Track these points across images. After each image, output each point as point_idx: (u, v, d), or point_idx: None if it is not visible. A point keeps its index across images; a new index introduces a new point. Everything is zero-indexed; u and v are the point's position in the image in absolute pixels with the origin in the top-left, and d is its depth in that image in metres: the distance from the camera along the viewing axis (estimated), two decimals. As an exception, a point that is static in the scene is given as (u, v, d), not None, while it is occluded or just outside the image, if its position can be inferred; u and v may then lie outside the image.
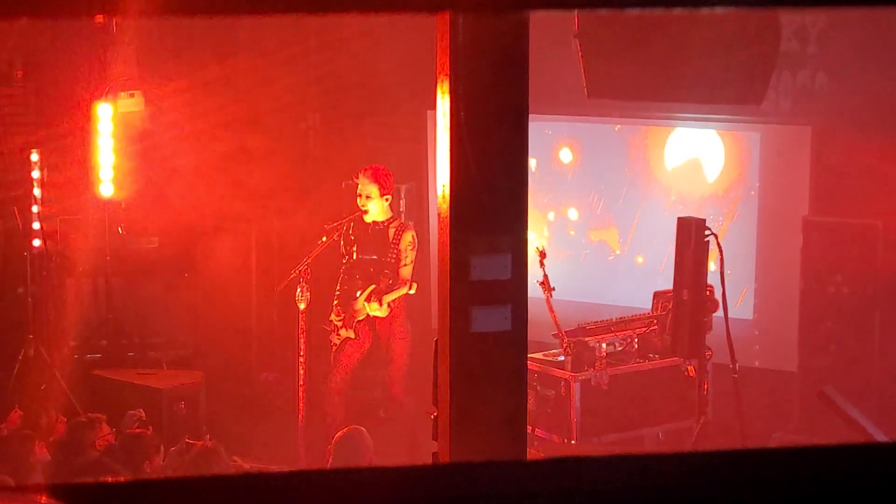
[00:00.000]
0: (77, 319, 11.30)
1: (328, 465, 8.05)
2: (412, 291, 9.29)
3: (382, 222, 9.35)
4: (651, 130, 10.70)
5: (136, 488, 2.23)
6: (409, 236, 9.31)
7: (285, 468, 9.18)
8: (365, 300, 9.28)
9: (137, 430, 8.02)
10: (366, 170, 9.33)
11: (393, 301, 9.25)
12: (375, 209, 9.30)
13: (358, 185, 9.33)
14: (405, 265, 9.30)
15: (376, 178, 9.26)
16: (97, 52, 11.43)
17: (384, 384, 9.68)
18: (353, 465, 7.75)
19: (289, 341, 9.59)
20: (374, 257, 9.34)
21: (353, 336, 9.36)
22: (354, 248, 9.40)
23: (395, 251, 9.29)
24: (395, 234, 9.32)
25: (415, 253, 9.34)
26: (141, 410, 8.71)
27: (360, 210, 9.30)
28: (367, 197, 9.26)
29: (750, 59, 6.37)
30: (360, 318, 9.36)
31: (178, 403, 9.83)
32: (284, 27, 11.66)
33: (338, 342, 9.43)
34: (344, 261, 9.47)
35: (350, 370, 9.55)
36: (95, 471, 7.20)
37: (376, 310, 9.25)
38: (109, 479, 6.46)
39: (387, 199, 9.32)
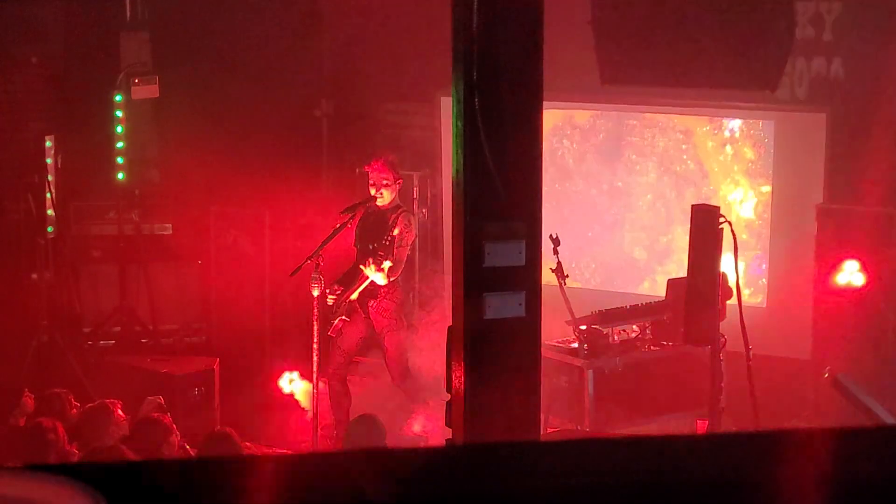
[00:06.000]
0: (91, 306, 11.34)
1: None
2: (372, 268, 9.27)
3: (386, 206, 9.38)
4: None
5: (152, 468, 2.24)
6: (403, 221, 9.34)
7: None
8: (363, 266, 9.28)
9: (154, 416, 8.03)
10: (376, 161, 9.37)
11: (389, 274, 9.23)
12: (388, 195, 9.35)
13: (370, 175, 9.37)
14: (399, 247, 9.33)
15: (390, 167, 9.32)
16: (111, 38, 11.45)
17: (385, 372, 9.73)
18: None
19: (303, 328, 9.59)
20: (375, 244, 9.39)
21: (345, 317, 9.37)
22: (360, 233, 9.46)
23: (391, 235, 9.30)
24: (392, 219, 9.35)
25: (410, 236, 9.40)
26: (160, 397, 8.74)
27: (374, 198, 9.34)
28: (382, 186, 9.30)
29: (765, 45, 6.34)
30: (353, 298, 9.35)
31: (192, 390, 9.85)
32: (298, 12, 11.65)
33: (336, 323, 9.45)
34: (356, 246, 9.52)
35: (349, 354, 9.55)
36: (110, 457, 7.20)
37: (374, 273, 9.22)
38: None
39: (398, 184, 9.39)
